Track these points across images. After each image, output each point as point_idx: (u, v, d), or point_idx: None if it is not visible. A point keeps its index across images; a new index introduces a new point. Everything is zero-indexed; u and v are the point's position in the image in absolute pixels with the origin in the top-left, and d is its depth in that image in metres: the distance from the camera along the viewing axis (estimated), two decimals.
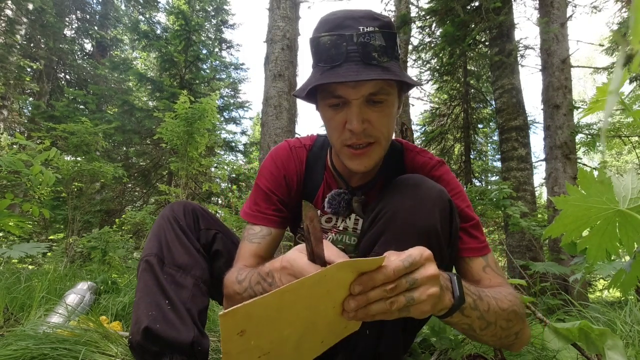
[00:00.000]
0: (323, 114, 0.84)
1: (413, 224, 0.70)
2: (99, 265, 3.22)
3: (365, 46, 0.73)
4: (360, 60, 0.73)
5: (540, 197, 8.95)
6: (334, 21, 0.76)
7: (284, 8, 4.66)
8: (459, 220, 0.82)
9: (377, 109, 0.78)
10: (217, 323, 1.77)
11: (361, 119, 0.76)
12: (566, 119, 4.80)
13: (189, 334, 0.74)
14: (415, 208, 0.72)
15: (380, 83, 0.75)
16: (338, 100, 0.78)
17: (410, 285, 0.54)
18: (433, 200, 0.73)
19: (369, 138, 0.79)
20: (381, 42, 0.74)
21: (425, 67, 6.91)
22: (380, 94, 0.76)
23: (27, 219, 4.38)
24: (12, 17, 7.86)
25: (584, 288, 3.87)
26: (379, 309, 0.54)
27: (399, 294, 0.53)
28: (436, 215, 0.72)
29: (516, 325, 0.71)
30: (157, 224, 0.85)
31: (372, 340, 0.75)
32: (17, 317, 1.72)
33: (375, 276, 0.53)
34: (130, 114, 7.71)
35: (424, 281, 0.54)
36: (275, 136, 4.23)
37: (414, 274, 0.54)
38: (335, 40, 0.74)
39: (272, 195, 0.94)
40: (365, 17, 0.76)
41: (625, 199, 0.58)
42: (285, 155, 0.98)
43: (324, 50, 0.75)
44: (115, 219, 6.62)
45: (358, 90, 0.75)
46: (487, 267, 0.82)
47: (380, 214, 0.75)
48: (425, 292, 0.54)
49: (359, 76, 0.71)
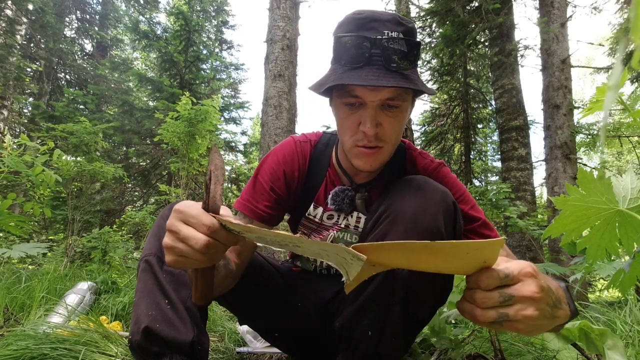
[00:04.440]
0: (337, 111, 0.85)
1: (416, 225, 0.70)
2: (99, 265, 3.22)
3: (388, 51, 0.73)
4: (382, 64, 0.73)
5: (540, 197, 8.95)
6: (359, 21, 0.77)
7: (284, 8, 4.66)
8: (462, 222, 0.82)
9: (391, 114, 0.79)
10: (217, 323, 1.77)
11: (375, 122, 0.77)
12: (566, 119, 4.80)
13: (189, 334, 0.74)
14: (419, 210, 0.72)
15: (398, 90, 0.76)
16: (355, 100, 0.79)
17: (504, 300, 0.51)
18: (437, 202, 0.73)
19: (379, 142, 0.80)
20: (404, 48, 0.74)
21: (426, 67, 6.91)
22: (396, 100, 0.77)
23: (28, 219, 4.39)
24: (12, 17, 7.86)
25: (584, 288, 3.87)
26: (470, 310, 0.53)
27: (490, 308, 0.52)
28: (440, 217, 0.72)
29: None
30: (156, 224, 0.85)
31: (373, 341, 0.75)
32: (17, 317, 1.72)
33: (478, 278, 0.52)
34: (130, 114, 7.71)
35: (520, 300, 0.51)
36: (275, 136, 4.23)
37: (509, 289, 0.51)
38: (359, 42, 0.74)
39: (268, 189, 0.94)
40: (390, 22, 0.76)
41: (625, 199, 0.58)
42: (289, 150, 0.98)
43: (346, 49, 0.76)
44: (115, 219, 6.62)
45: (376, 94, 0.76)
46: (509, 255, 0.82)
47: (384, 215, 0.75)
48: (520, 312, 0.51)
49: (379, 81, 0.71)
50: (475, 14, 5.17)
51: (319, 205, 1.00)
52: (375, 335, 0.75)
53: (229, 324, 1.76)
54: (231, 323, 1.77)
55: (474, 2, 5.35)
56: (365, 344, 0.76)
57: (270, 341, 1.18)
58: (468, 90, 7.41)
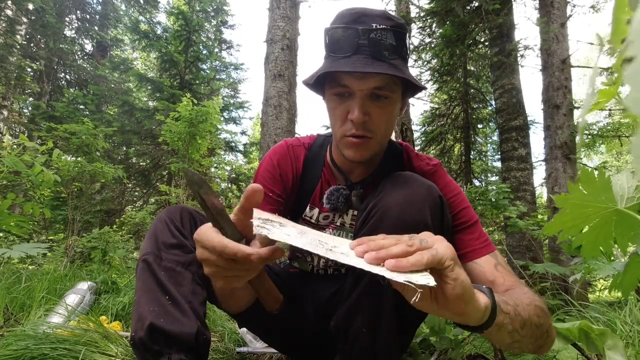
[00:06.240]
0: (328, 103, 0.87)
1: (404, 219, 0.71)
2: (99, 265, 3.22)
3: (376, 42, 0.76)
4: (369, 54, 0.76)
5: (540, 197, 8.94)
6: (350, 16, 0.80)
7: (284, 8, 4.65)
8: (450, 215, 0.83)
9: (380, 104, 0.80)
10: (217, 323, 1.77)
11: (363, 110, 0.79)
12: (566, 119, 4.80)
13: (192, 326, 0.74)
14: (405, 204, 0.73)
15: (385, 79, 0.78)
16: (344, 90, 0.80)
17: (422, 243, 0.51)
18: (423, 196, 0.74)
19: (367, 132, 0.81)
20: (392, 40, 0.77)
21: (426, 68, 6.90)
22: (384, 90, 0.79)
23: (28, 219, 4.39)
24: (12, 17, 7.86)
25: (584, 288, 3.87)
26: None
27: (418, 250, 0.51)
28: (426, 210, 0.72)
29: (545, 320, 0.68)
30: (153, 225, 0.86)
31: (368, 339, 0.75)
32: (17, 317, 1.72)
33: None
34: (130, 114, 7.71)
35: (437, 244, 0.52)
36: (275, 136, 4.23)
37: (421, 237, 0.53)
38: (348, 33, 0.77)
39: (269, 193, 0.95)
40: (380, 16, 0.79)
41: (623, 198, 0.58)
42: (282, 153, 0.99)
43: (336, 41, 0.79)
44: (115, 219, 6.62)
45: (364, 82, 0.77)
46: (498, 266, 0.82)
47: (373, 211, 0.76)
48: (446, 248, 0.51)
49: (365, 68, 0.73)
50: (475, 14, 5.17)
51: (314, 206, 1.00)
52: (369, 334, 0.75)
53: (229, 324, 1.76)
54: (231, 323, 1.77)
55: (474, 2, 5.35)
56: (361, 343, 0.76)
57: (268, 342, 1.18)
58: (468, 90, 7.41)
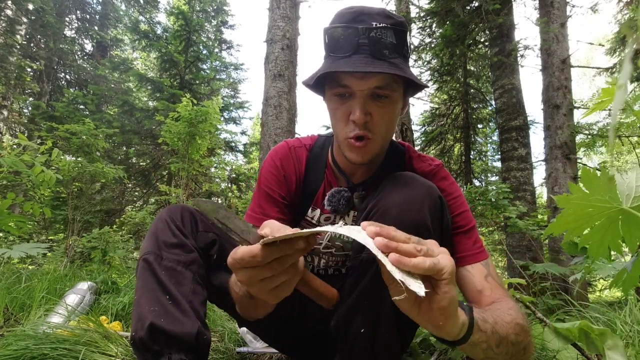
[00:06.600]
0: (329, 104, 0.85)
1: (403, 220, 0.70)
2: (99, 265, 3.22)
3: (376, 41, 0.75)
4: (369, 53, 0.74)
5: (540, 197, 8.94)
6: (349, 15, 0.78)
7: (284, 8, 4.65)
8: (450, 216, 0.83)
9: (381, 104, 0.79)
10: (217, 323, 1.77)
11: (364, 111, 0.78)
12: (566, 119, 4.80)
13: (193, 326, 0.74)
14: (404, 204, 0.72)
15: (386, 78, 0.77)
16: (344, 90, 0.79)
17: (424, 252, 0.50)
18: (422, 196, 0.74)
19: (368, 132, 0.80)
20: (392, 39, 0.76)
21: (426, 68, 6.90)
22: (385, 89, 0.78)
23: (28, 219, 4.39)
24: (12, 17, 7.86)
25: (584, 288, 3.87)
26: None
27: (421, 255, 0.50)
28: (425, 211, 0.72)
29: (524, 338, 0.68)
30: (153, 225, 0.85)
31: (368, 339, 0.75)
32: (17, 317, 1.72)
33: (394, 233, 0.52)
34: (130, 115, 7.71)
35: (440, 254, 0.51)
36: (275, 136, 4.23)
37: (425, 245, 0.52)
38: (348, 32, 0.76)
39: (274, 195, 0.94)
40: (379, 14, 0.78)
41: (629, 197, 0.57)
42: (284, 155, 0.98)
43: (335, 40, 0.77)
44: (115, 219, 6.62)
45: (365, 82, 0.76)
46: (488, 277, 0.81)
47: (373, 211, 0.76)
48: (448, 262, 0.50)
49: (366, 67, 0.72)
50: (475, 14, 5.17)
51: (317, 207, 1.00)
52: (369, 333, 0.75)
53: (229, 324, 1.76)
54: (231, 323, 1.77)
55: (474, 2, 5.35)
56: (361, 343, 0.76)
57: (269, 342, 1.18)
58: (468, 90, 7.41)
